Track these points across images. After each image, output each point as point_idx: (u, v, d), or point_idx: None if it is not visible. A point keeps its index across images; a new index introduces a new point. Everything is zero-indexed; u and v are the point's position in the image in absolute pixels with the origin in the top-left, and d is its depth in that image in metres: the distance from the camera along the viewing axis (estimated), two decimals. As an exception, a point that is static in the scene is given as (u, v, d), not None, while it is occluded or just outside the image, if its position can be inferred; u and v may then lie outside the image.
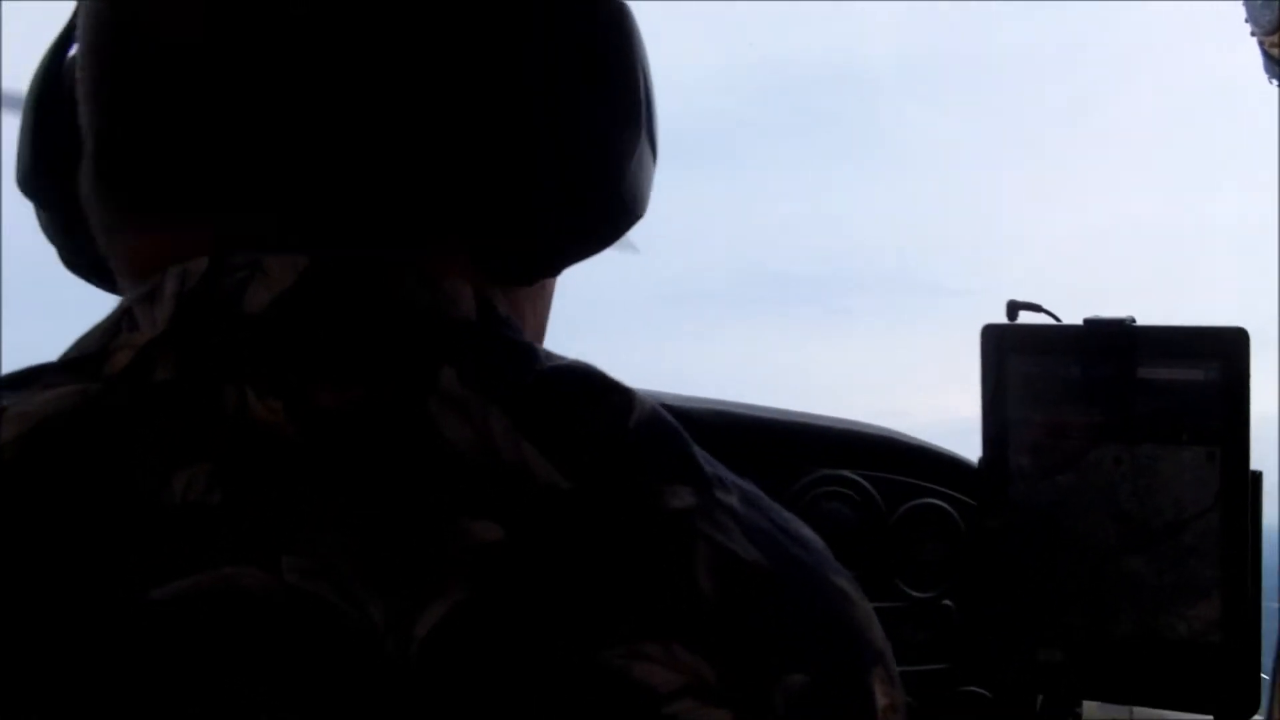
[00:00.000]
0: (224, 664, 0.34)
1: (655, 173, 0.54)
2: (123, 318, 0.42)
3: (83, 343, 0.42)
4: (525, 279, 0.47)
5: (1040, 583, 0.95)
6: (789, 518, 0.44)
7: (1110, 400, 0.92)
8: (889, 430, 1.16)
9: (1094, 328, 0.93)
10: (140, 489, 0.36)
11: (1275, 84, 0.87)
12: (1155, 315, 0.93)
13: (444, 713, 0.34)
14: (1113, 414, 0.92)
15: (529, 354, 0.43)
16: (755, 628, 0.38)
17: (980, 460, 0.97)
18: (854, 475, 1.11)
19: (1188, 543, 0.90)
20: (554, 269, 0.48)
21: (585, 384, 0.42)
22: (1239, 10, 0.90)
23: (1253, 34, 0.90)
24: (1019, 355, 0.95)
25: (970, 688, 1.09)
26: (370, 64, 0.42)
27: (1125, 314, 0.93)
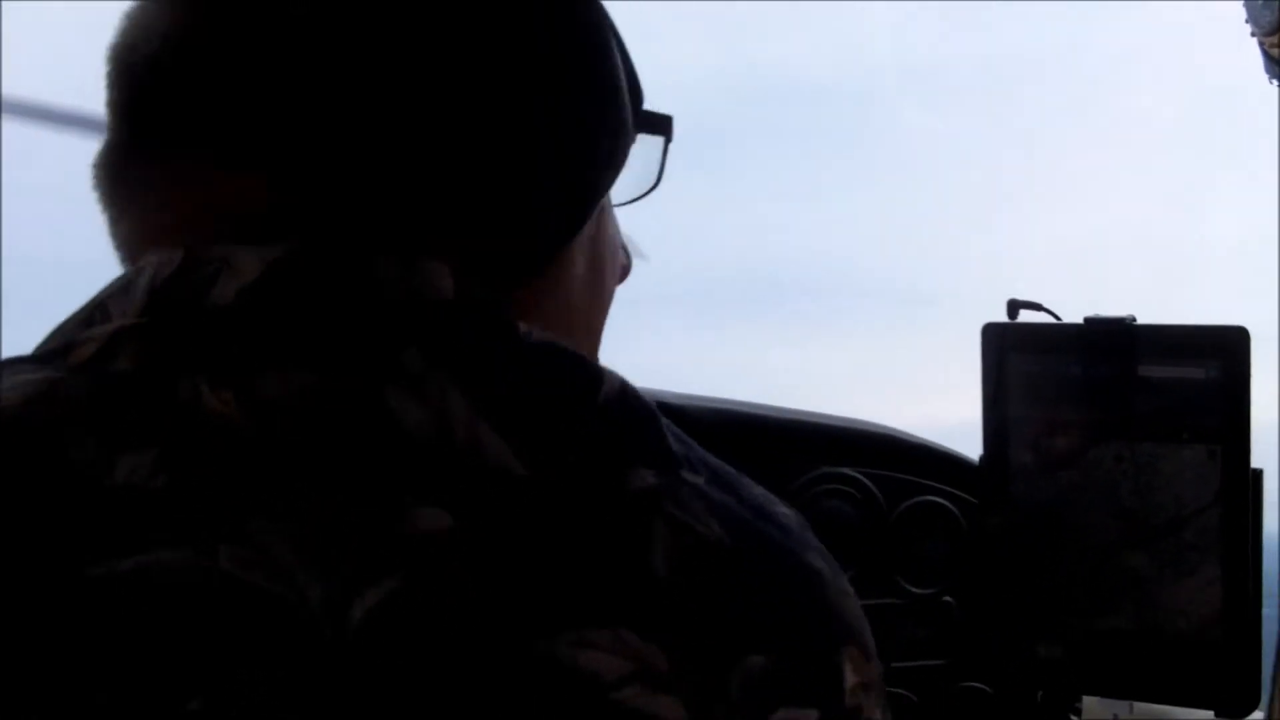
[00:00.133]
0: (154, 644, 0.35)
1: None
2: (95, 310, 0.43)
3: (55, 334, 0.43)
4: (515, 275, 0.47)
5: (1041, 579, 0.95)
6: (765, 499, 0.44)
7: (1111, 398, 0.92)
8: (890, 428, 1.16)
9: (1094, 326, 0.93)
10: (84, 471, 0.37)
11: (1275, 84, 0.87)
12: (1154, 317, 0.93)
13: (378, 697, 0.35)
14: (1113, 412, 0.92)
15: (505, 332, 0.42)
16: (712, 609, 0.38)
17: (981, 458, 0.97)
18: (855, 473, 1.11)
19: (1188, 539, 0.90)
20: (533, 266, 0.48)
21: (554, 362, 0.42)
22: (1238, 10, 0.90)
23: (1253, 34, 0.90)
24: (1019, 354, 0.95)
25: (971, 683, 1.10)
26: (356, 61, 0.43)
27: (1125, 313, 0.93)
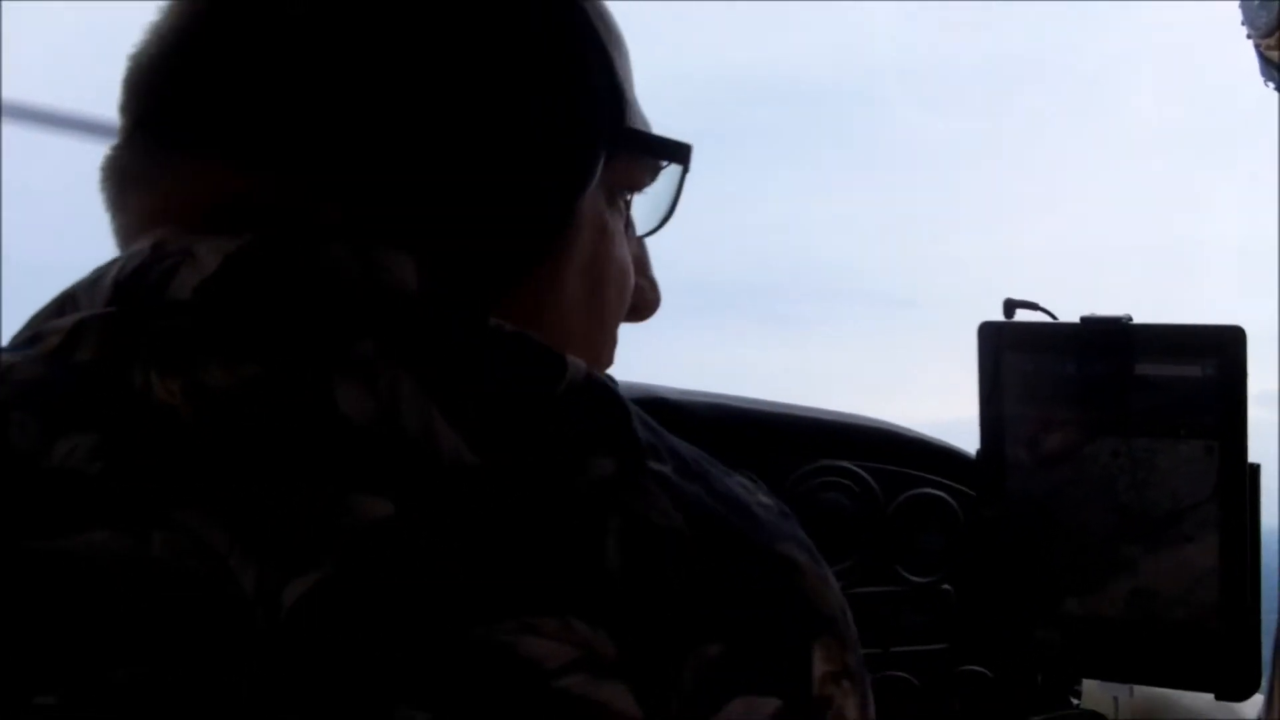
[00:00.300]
0: (82, 616, 0.35)
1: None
2: (66, 301, 0.44)
3: (27, 325, 0.44)
4: (488, 279, 0.47)
5: (1038, 570, 0.95)
6: (741, 488, 0.43)
7: (1107, 396, 0.92)
8: (887, 423, 1.17)
9: (1090, 326, 0.93)
10: (23, 452, 0.37)
11: (1271, 86, 0.88)
12: (1150, 318, 0.93)
13: (309, 682, 0.35)
14: (1110, 409, 0.92)
15: (471, 325, 0.42)
16: (666, 597, 0.38)
17: (978, 453, 0.98)
18: (852, 466, 1.12)
19: (1186, 532, 0.90)
20: (507, 272, 0.48)
21: (517, 351, 0.42)
22: (1235, 12, 0.90)
23: (1249, 37, 0.90)
24: (1015, 352, 0.95)
25: (971, 666, 1.11)
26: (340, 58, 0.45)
27: (1121, 313, 0.93)
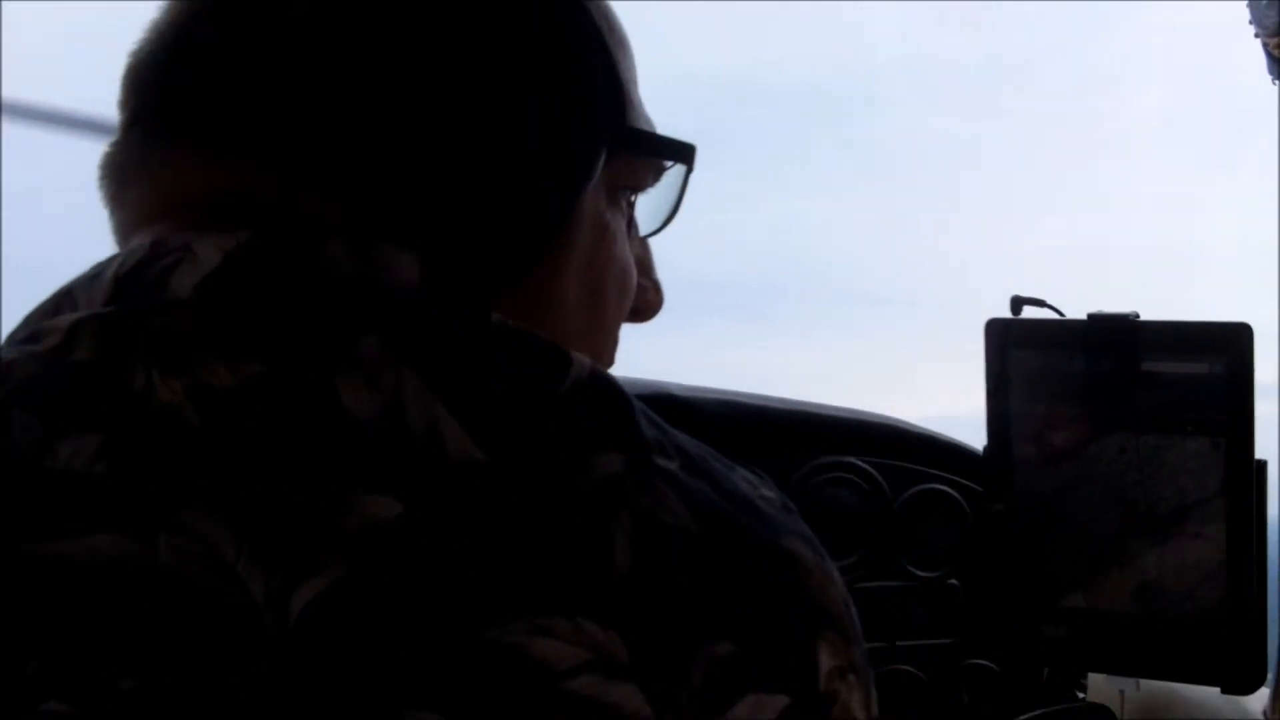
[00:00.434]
0: (89, 623, 0.34)
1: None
2: (63, 298, 0.43)
3: (24, 323, 0.43)
4: (487, 277, 0.46)
5: (1044, 565, 0.95)
6: (746, 484, 0.43)
7: (1114, 393, 0.92)
8: (894, 419, 1.17)
9: (1097, 323, 0.93)
10: (26, 453, 0.37)
11: (1278, 84, 0.88)
12: (1158, 315, 0.93)
13: (319, 688, 0.34)
14: (1117, 406, 0.92)
15: (473, 320, 0.42)
16: (675, 596, 0.38)
17: (985, 449, 0.98)
18: (859, 462, 1.12)
19: (1192, 528, 0.90)
20: (506, 270, 0.47)
21: (521, 347, 0.42)
22: (1237, 12, 0.90)
23: (1256, 35, 0.90)
24: (1022, 350, 0.94)
25: (978, 660, 1.11)
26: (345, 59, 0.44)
27: (1129, 310, 0.93)
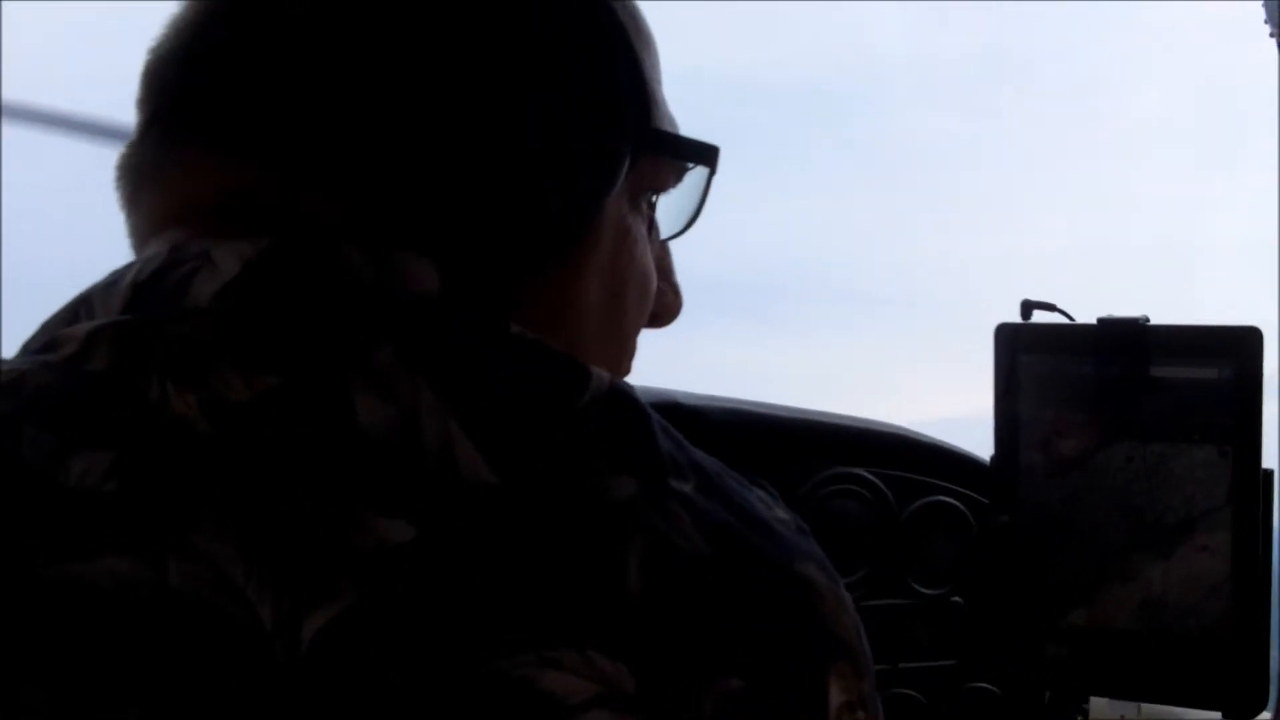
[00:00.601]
0: (97, 650, 0.33)
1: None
2: (80, 306, 0.42)
3: (41, 331, 0.43)
4: (508, 280, 0.46)
5: (1049, 579, 0.95)
6: (760, 503, 0.42)
7: (1122, 399, 0.92)
8: (901, 428, 1.16)
9: (1107, 327, 0.93)
10: (38, 469, 0.36)
11: (1290, 85, 0.87)
12: (1168, 319, 0.93)
13: (329, 717, 0.33)
14: (1125, 412, 0.92)
15: (492, 330, 0.41)
16: (687, 627, 0.37)
17: (992, 458, 0.97)
18: (866, 473, 1.11)
19: (1198, 540, 0.89)
20: (527, 273, 0.47)
21: (539, 361, 0.41)
22: (1256, 10, 0.89)
23: (1271, 35, 0.90)
24: (1031, 354, 0.94)
25: (979, 684, 1.10)
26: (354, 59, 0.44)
27: (1139, 314, 0.93)
